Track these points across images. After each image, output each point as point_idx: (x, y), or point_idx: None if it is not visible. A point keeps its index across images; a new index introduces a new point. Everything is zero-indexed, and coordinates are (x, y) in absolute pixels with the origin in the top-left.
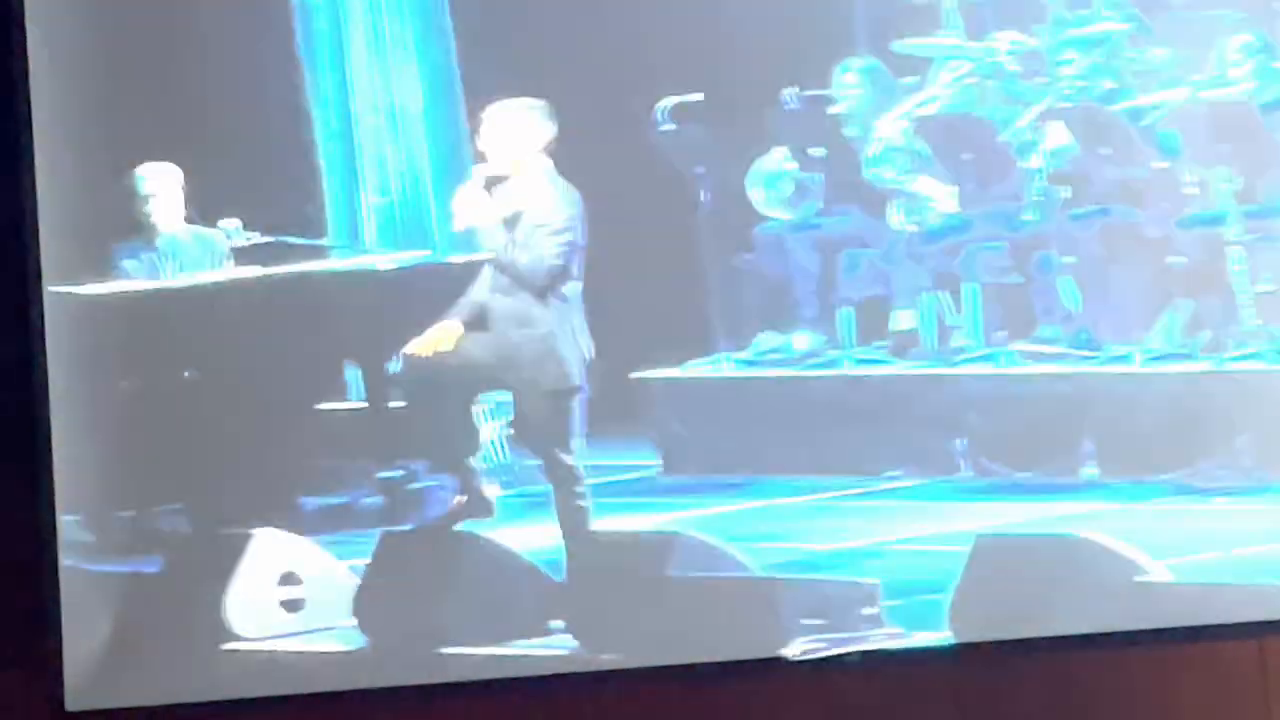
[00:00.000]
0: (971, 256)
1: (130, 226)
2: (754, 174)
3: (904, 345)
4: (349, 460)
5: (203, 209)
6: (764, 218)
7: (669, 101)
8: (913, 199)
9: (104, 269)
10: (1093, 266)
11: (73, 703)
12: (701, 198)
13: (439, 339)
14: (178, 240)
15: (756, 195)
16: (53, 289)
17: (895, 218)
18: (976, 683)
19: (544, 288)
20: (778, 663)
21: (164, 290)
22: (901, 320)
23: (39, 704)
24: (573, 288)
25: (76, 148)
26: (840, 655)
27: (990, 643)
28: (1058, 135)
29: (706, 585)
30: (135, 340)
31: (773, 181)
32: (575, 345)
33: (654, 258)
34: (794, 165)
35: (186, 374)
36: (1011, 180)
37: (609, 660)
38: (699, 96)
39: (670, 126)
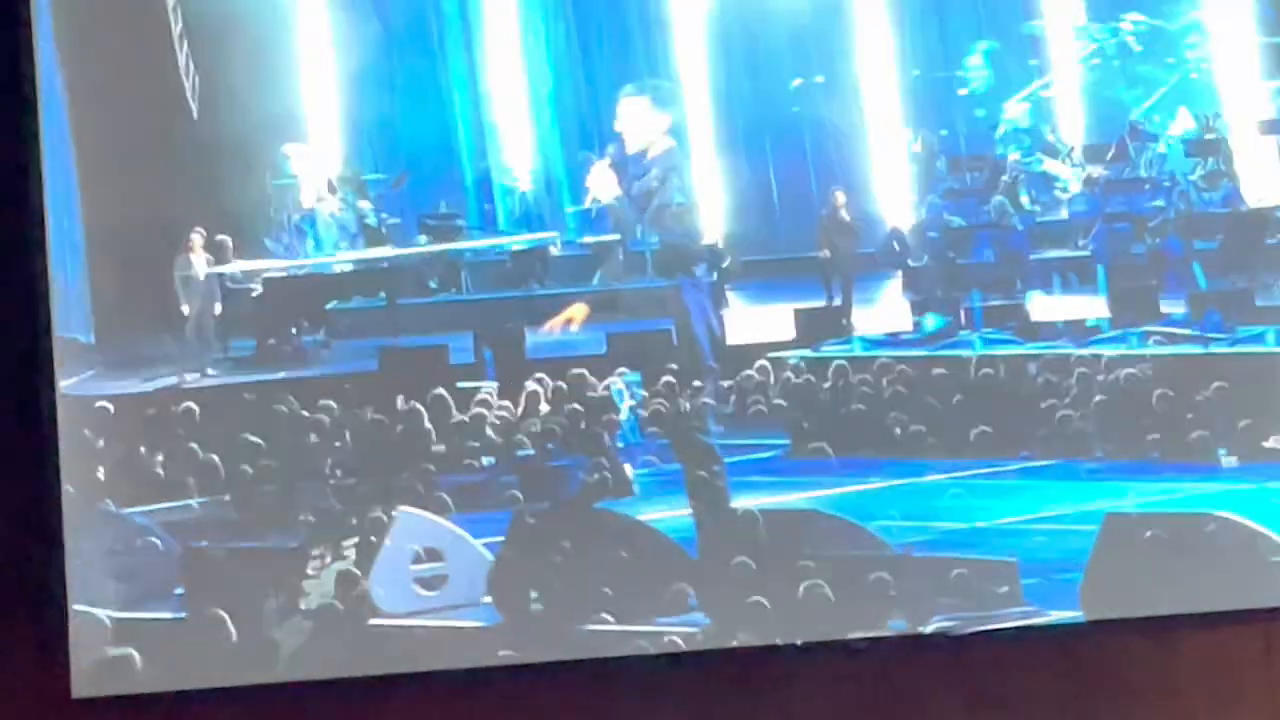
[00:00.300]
0: (1100, 238)
1: (273, 207)
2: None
3: (1034, 327)
4: (486, 439)
5: (340, 191)
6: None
7: (797, 83)
8: (1040, 180)
9: (251, 248)
10: (1221, 248)
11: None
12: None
13: (570, 319)
14: (317, 220)
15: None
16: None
17: (1023, 199)
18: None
19: (674, 268)
20: (915, 640)
21: (304, 268)
22: (1031, 302)
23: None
24: (703, 269)
25: (226, 132)
26: (976, 632)
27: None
28: (1184, 118)
29: (841, 563)
30: (278, 318)
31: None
32: (706, 326)
33: (784, 240)
34: (920, 148)
35: (324, 351)
36: (1139, 162)
37: (744, 638)
38: (821, 79)
39: (798, 108)
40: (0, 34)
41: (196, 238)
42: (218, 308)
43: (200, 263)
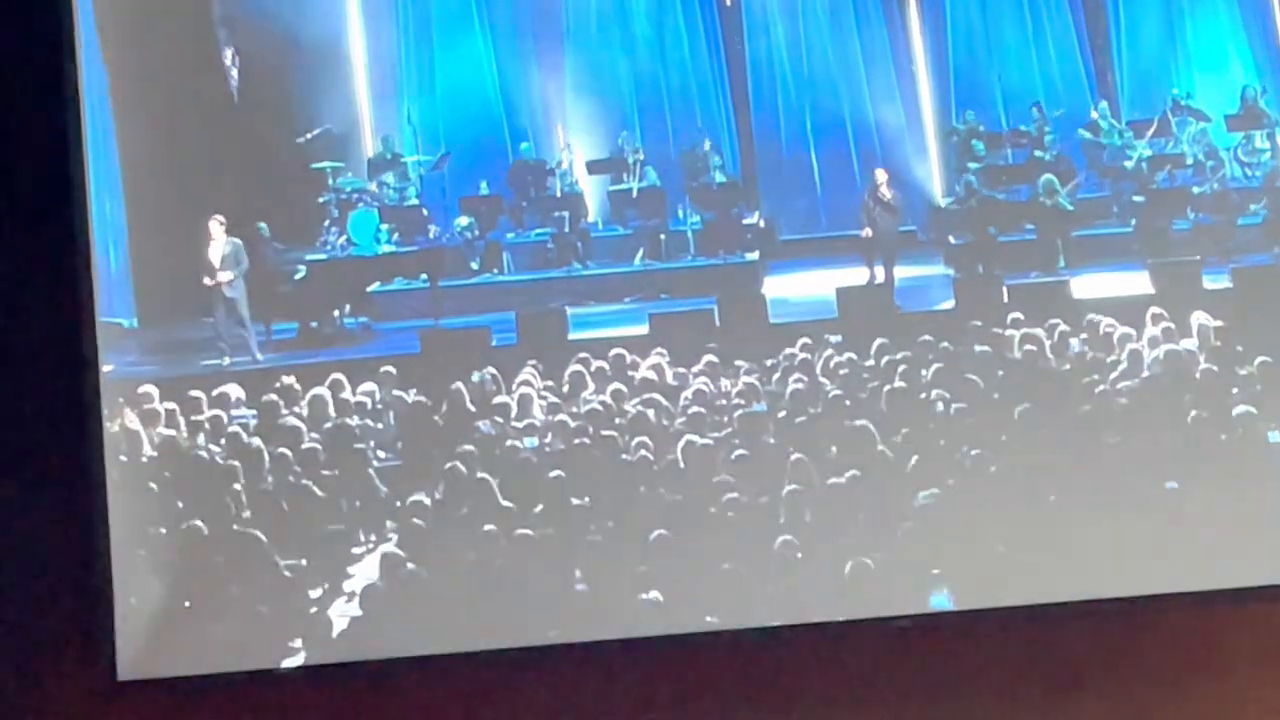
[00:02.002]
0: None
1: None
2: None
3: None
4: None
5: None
6: None
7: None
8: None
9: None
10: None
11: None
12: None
13: None
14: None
15: None
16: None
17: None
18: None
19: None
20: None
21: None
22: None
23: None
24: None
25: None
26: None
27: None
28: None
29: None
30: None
31: None
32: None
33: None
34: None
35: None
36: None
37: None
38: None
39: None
40: (44, 24)
41: (215, 225)
42: (242, 291)
43: (218, 249)
